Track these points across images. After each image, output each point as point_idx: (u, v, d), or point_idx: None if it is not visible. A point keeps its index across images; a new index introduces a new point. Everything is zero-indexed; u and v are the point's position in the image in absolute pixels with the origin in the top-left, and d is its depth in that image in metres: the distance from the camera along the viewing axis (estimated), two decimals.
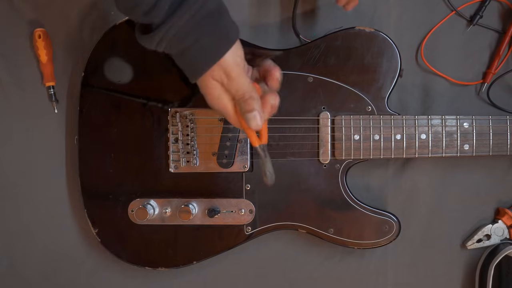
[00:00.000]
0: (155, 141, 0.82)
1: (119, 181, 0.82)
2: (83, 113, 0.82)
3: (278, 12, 0.86)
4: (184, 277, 0.89)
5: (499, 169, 0.87)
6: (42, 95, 0.88)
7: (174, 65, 0.80)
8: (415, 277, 0.89)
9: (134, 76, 0.81)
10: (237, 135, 0.81)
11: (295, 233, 0.85)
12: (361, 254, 0.88)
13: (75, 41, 0.87)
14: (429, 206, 0.88)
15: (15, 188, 0.90)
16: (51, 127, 0.89)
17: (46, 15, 0.87)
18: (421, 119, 0.79)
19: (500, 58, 0.85)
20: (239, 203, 0.81)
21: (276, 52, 0.80)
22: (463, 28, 0.86)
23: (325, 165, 0.80)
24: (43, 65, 0.87)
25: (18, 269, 0.91)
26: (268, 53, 0.80)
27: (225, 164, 0.81)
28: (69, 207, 0.90)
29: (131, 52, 0.81)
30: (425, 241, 0.88)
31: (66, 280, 0.91)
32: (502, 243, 0.86)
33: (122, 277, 0.90)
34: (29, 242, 0.90)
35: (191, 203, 0.81)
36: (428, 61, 0.85)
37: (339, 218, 0.81)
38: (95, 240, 0.83)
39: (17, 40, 0.88)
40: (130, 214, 0.82)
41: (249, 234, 0.81)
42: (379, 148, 0.79)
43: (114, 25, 0.81)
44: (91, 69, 0.82)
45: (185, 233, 0.82)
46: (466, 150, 0.79)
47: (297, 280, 0.89)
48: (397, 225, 0.80)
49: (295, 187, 0.81)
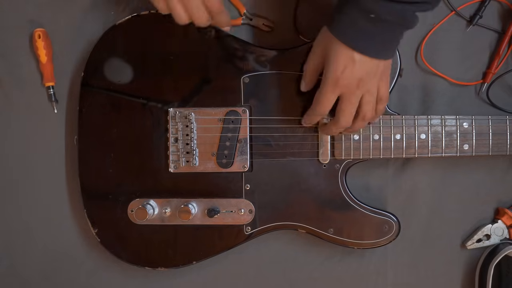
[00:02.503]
0: (154, 141, 0.82)
1: (118, 181, 0.82)
2: (83, 113, 0.82)
3: (280, 12, 0.86)
4: (184, 277, 0.89)
5: (499, 169, 0.87)
6: (42, 95, 0.88)
7: (174, 65, 0.81)
8: (415, 277, 0.89)
9: (134, 76, 0.81)
10: (236, 135, 0.81)
11: (295, 233, 0.85)
12: (361, 254, 0.88)
13: (75, 41, 0.87)
14: (429, 206, 0.88)
15: (15, 188, 0.90)
16: (51, 127, 0.89)
17: (46, 15, 0.87)
18: (421, 119, 0.79)
19: (499, 58, 0.85)
20: (239, 203, 0.81)
21: (275, 52, 0.80)
22: (462, 28, 0.86)
23: (325, 165, 0.80)
24: (43, 65, 0.87)
25: (18, 269, 0.91)
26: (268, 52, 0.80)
27: (225, 164, 0.81)
28: (69, 207, 0.90)
29: (131, 52, 0.81)
30: (425, 241, 0.88)
31: (66, 280, 0.91)
32: (502, 243, 0.86)
33: (122, 277, 0.90)
34: (29, 242, 0.91)
35: (191, 203, 0.81)
36: (428, 61, 0.85)
37: (339, 218, 0.81)
38: (95, 240, 0.83)
39: (17, 40, 0.88)
40: (129, 214, 0.82)
41: (248, 234, 0.81)
42: (378, 148, 0.79)
43: (114, 25, 0.81)
44: (91, 69, 0.82)
45: (185, 233, 0.82)
46: (466, 150, 0.79)
47: (297, 280, 0.89)
48: (397, 225, 0.80)
49: (295, 187, 0.81)
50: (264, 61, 0.80)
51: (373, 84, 0.70)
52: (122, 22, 0.81)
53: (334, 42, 0.67)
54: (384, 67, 0.69)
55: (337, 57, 0.67)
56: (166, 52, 0.80)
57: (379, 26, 0.64)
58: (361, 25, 0.64)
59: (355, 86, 0.68)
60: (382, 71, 0.69)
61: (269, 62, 0.80)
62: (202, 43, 0.80)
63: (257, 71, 0.80)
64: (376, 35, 0.65)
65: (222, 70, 0.80)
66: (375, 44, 0.66)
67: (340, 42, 0.66)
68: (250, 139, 0.81)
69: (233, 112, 0.80)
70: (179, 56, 0.80)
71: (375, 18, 0.63)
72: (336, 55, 0.67)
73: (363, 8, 0.63)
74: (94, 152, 0.82)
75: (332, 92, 0.70)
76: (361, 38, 0.65)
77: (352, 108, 0.71)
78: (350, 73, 0.67)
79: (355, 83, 0.68)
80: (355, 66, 0.67)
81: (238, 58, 0.80)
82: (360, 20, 0.64)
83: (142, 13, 0.80)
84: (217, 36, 0.80)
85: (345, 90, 0.69)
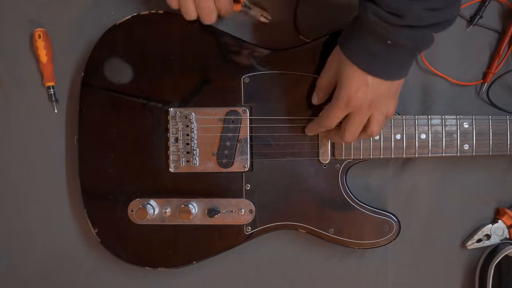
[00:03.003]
0: (155, 141, 0.82)
1: (119, 181, 0.82)
2: (83, 113, 0.82)
3: (280, 12, 0.86)
4: (184, 277, 0.89)
5: (499, 169, 0.87)
6: (42, 95, 0.88)
7: (174, 65, 0.81)
8: (415, 277, 0.89)
9: (134, 76, 0.81)
10: (237, 135, 0.81)
11: (295, 233, 0.85)
12: (361, 254, 0.88)
13: (75, 41, 0.87)
14: (429, 206, 0.88)
15: (15, 188, 0.90)
16: (51, 127, 0.89)
17: (46, 15, 0.87)
18: (421, 119, 0.79)
19: (500, 58, 0.85)
20: (239, 203, 0.81)
21: (276, 52, 0.80)
22: (463, 28, 0.86)
23: (325, 165, 0.80)
24: (43, 65, 0.87)
25: (18, 269, 0.91)
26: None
27: (225, 164, 0.81)
28: (69, 207, 0.90)
29: (131, 52, 0.81)
30: (425, 241, 0.88)
31: (66, 280, 0.91)
32: (502, 243, 0.86)
33: (122, 277, 0.90)
34: (29, 242, 0.90)
35: (191, 203, 0.81)
36: (428, 61, 0.85)
37: (339, 218, 0.81)
38: (95, 240, 0.83)
39: (17, 40, 0.88)
40: (130, 214, 0.82)
41: (249, 234, 0.81)
42: (379, 148, 0.79)
43: (114, 25, 0.81)
44: (91, 69, 0.82)
45: (185, 233, 0.82)
46: (466, 150, 0.79)
47: (297, 280, 0.89)
48: (397, 225, 0.80)
49: (295, 187, 0.81)
50: (264, 61, 0.80)
51: (384, 104, 0.69)
52: (122, 22, 0.81)
53: (347, 63, 0.66)
54: (397, 87, 0.69)
55: (349, 79, 0.66)
56: (166, 52, 0.80)
57: (394, 51, 0.63)
58: (375, 49, 0.63)
59: (366, 107, 0.68)
60: (394, 91, 0.69)
61: (269, 62, 0.80)
62: (202, 43, 0.80)
63: (258, 71, 0.80)
64: (390, 59, 0.64)
65: (222, 70, 0.80)
66: (390, 67, 0.65)
67: (353, 64, 0.65)
68: (251, 139, 0.81)
69: (234, 112, 0.80)
70: (179, 56, 0.80)
71: (392, 45, 0.62)
72: (349, 77, 0.66)
73: (379, 35, 0.62)
74: (94, 152, 0.82)
75: (342, 111, 0.69)
76: (375, 62, 0.64)
77: (359, 126, 0.71)
78: (363, 95, 0.66)
79: (366, 105, 0.67)
80: (368, 89, 0.65)
81: (239, 58, 0.80)
82: (375, 45, 0.63)
83: (142, 13, 0.80)
84: (218, 36, 0.80)
85: (355, 110, 0.69)
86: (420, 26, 0.60)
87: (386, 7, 0.59)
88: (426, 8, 0.58)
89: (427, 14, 0.59)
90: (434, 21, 0.60)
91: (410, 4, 0.58)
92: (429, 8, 0.59)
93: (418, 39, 0.62)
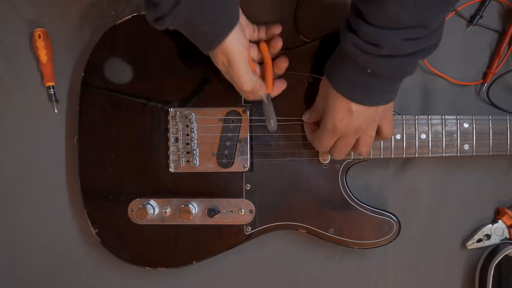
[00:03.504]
0: (155, 141, 0.82)
1: (119, 181, 0.82)
2: (83, 113, 0.82)
3: (280, 12, 0.86)
4: (184, 277, 0.89)
5: (499, 169, 0.87)
6: (42, 95, 0.88)
7: (174, 65, 0.81)
8: (415, 277, 0.89)
9: (134, 76, 0.81)
10: (237, 135, 0.81)
11: (295, 233, 0.85)
12: (361, 254, 0.88)
13: (75, 41, 0.87)
14: (429, 206, 0.88)
15: (15, 188, 0.90)
16: (51, 127, 0.89)
17: (46, 15, 0.87)
18: (421, 119, 0.79)
19: (500, 58, 0.85)
20: (239, 203, 0.81)
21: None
22: (463, 28, 0.86)
23: (325, 165, 0.80)
24: (43, 65, 0.87)
25: (18, 269, 0.91)
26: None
27: (225, 164, 0.81)
28: (69, 207, 0.90)
29: (131, 52, 0.81)
30: (425, 241, 0.88)
31: (66, 280, 0.91)
32: (502, 243, 0.86)
33: (122, 277, 0.90)
34: (29, 242, 0.91)
35: (191, 203, 0.81)
36: (428, 61, 0.85)
37: (339, 218, 0.81)
38: (95, 240, 0.83)
39: (17, 40, 0.88)
40: (130, 214, 0.82)
41: (249, 234, 0.81)
42: (379, 148, 0.79)
43: (114, 25, 0.81)
44: (91, 69, 0.82)
45: (185, 233, 0.82)
46: (466, 150, 0.79)
47: (297, 280, 0.89)
48: (397, 225, 0.80)
49: (295, 187, 0.81)
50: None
51: (371, 128, 0.70)
52: (122, 22, 0.81)
53: (332, 91, 0.67)
54: (384, 110, 0.69)
55: (335, 107, 0.68)
56: (167, 52, 0.80)
57: (377, 79, 0.63)
58: (358, 78, 0.64)
59: (353, 132, 0.70)
60: (381, 115, 0.69)
61: None
62: None
63: None
64: (375, 86, 0.64)
65: None
66: (373, 95, 0.66)
67: (337, 92, 0.66)
68: (251, 139, 0.81)
69: (234, 112, 0.80)
70: (179, 56, 0.80)
71: (373, 73, 0.63)
72: (334, 105, 0.68)
73: (360, 64, 0.62)
74: (94, 152, 0.82)
75: (331, 137, 0.72)
76: (358, 90, 0.65)
77: (347, 148, 0.73)
78: (347, 122, 0.68)
79: (353, 130, 0.69)
80: (353, 116, 0.67)
81: None
82: (357, 75, 0.64)
83: (142, 13, 0.80)
84: None
85: (343, 135, 0.71)
86: (400, 55, 0.60)
87: (365, 37, 0.60)
88: (405, 38, 0.58)
89: (406, 44, 0.59)
90: (415, 49, 0.60)
91: (388, 34, 0.58)
92: (409, 38, 0.59)
93: (400, 67, 0.62)
